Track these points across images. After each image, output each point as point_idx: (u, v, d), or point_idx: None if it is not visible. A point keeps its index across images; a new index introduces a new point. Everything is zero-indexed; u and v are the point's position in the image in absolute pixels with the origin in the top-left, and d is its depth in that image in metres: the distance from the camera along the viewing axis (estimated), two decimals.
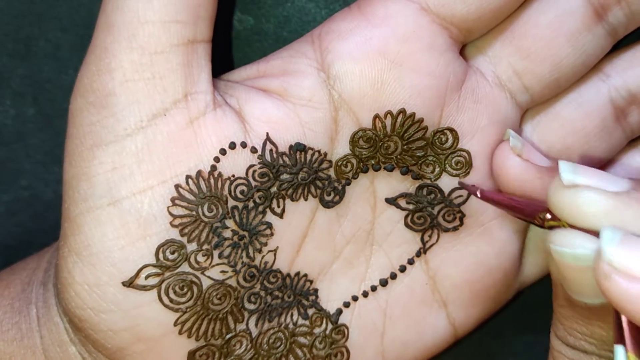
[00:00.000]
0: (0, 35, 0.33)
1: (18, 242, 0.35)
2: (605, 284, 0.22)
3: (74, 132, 0.27)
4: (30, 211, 0.35)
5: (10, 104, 0.34)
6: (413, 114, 0.28)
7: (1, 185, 0.35)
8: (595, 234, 0.24)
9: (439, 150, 0.29)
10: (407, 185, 0.30)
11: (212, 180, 0.27)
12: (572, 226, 0.25)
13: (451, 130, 0.29)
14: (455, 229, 0.30)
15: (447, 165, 0.29)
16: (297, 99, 0.28)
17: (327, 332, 0.30)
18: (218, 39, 0.32)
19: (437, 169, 0.29)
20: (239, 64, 0.32)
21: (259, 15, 0.33)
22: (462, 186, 0.29)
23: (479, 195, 0.29)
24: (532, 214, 0.27)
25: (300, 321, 0.30)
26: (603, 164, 0.31)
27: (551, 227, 0.26)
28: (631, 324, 0.23)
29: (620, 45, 0.30)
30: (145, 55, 0.26)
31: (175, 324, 0.28)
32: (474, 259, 0.31)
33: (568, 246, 0.24)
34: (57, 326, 0.29)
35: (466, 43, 0.29)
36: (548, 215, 0.26)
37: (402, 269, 0.31)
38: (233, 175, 0.28)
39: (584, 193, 0.24)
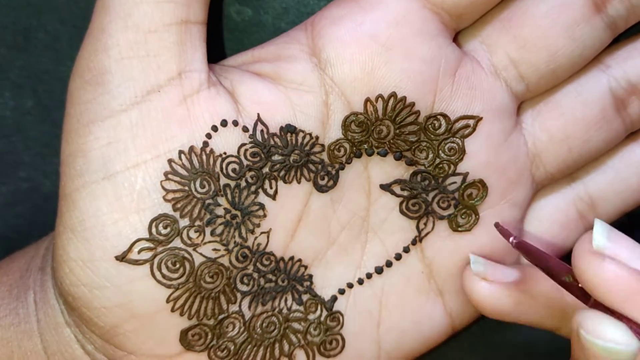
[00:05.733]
0: None
1: (17, 233, 0.35)
2: None
3: (71, 111, 0.28)
4: (29, 203, 0.35)
5: (9, 96, 0.34)
6: (404, 98, 0.28)
7: (0, 177, 0.35)
8: (619, 314, 0.24)
9: (432, 136, 0.29)
10: (401, 171, 0.30)
11: (204, 156, 0.28)
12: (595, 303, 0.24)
13: (444, 115, 0.29)
14: (449, 216, 0.30)
15: (440, 152, 0.29)
16: (288, 83, 0.28)
17: (322, 318, 0.30)
18: (217, 30, 0.33)
19: (431, 155, 0.29)
20: None
21: (257, 7, 0.33)
22: (498, 229, 0.28)
23: (513, 244, 0.27)
24: (561, 275, 0.26)
25: (295, 306, 0.30)
26: (603, 154, 0.32)
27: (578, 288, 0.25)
28: None
29: (620, 38, 0.31)
30: (140, 33, 0.27)
31: (167, 301, 0.28)
32: (470, 248, 0.31)
33: (600, 337, 0.24)
34: (53, 309, 0.29)
35: (459, 30, 0.30)
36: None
37: (398, 257, 0.31)
38: (224, 153, 0.28)
39: (611, 267, 0.24)
